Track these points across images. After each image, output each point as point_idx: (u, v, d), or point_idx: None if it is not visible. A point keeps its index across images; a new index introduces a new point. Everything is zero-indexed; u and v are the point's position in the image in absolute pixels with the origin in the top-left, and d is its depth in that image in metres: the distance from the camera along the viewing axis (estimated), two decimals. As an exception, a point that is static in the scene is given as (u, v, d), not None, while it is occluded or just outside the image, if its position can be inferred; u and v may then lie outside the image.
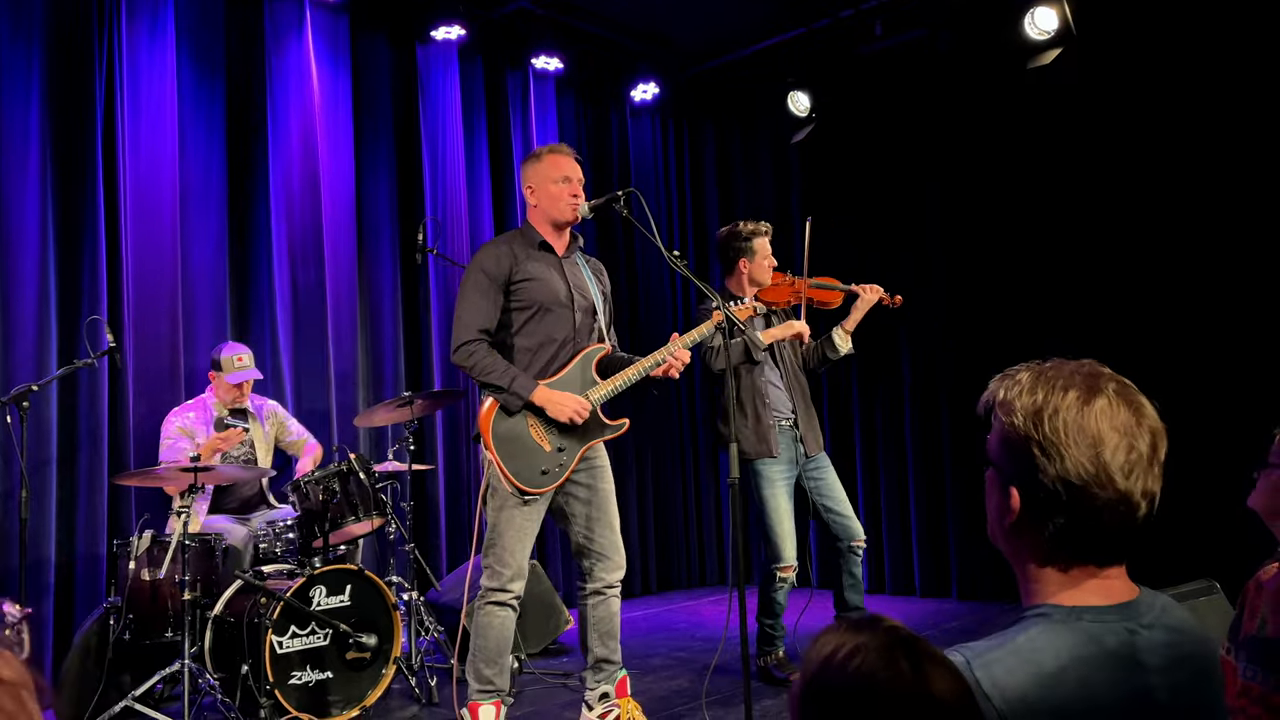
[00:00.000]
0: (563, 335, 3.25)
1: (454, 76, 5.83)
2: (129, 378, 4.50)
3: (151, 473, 3.80)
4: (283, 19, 5.18)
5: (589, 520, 3.30)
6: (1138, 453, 1.11)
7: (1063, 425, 1.11)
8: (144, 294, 4.60)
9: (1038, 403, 1.13)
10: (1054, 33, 5.15)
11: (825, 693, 0.95)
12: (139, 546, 3.71)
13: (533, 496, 3.15)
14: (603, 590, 3.30)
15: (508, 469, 3.12)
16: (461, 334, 3.19)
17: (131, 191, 4.59)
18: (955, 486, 5.87)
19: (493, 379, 3.14)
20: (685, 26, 6.39)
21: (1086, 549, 1.13)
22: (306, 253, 5.16)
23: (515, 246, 3.29)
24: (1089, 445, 1.10)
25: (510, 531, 3.15)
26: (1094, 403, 1.12)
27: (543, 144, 6.12)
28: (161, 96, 4.69)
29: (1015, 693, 1.03)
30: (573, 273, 3.35)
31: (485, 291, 3.20)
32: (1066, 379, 1.15)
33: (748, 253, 4.21)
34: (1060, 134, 5.46)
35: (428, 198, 5.66)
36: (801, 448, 4.16)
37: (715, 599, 6.37)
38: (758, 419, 4.09)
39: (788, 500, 4.12)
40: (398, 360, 5.53)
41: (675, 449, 6.89)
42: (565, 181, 3.28)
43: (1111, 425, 1.11)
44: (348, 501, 3.95)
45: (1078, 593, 1.14)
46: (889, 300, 4.24)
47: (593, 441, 3.28)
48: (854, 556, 4.20)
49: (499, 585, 3.14)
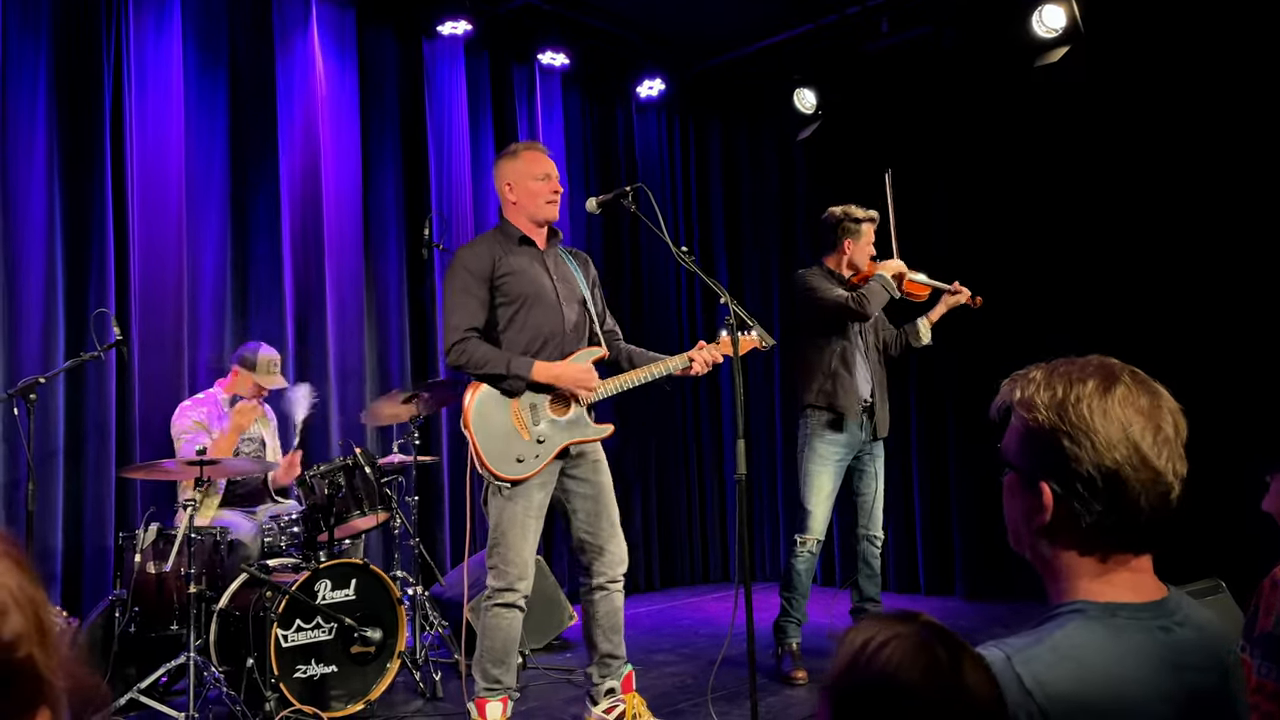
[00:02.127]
0: (550, 328, 3.25)
1: (460, 71, 5.84)
2: (135, 370, 4.53)
3: (159, 466, 3.82)
4: (289, 12, 5.19)
5: (589, 515, 3.30)
6: (1164, 434, 1.12)
7: (1088, 411, 1.11)
8: (150, 287, 4.62)
9: (1059, 394, 1.13)
10: (1062, 30, 5.15)
11: (858, 683, 0.94)
12: (145, 539, 3.73)
13: (505, 484, 3.14)
14: (606, 585, 3.31)
15: (483, 452, 3.12)
16: (451, 334, 3.19)
17: (139, 184, 4.60)
18: (960, 485, 5.88)
19: (490, 368, 3.14)
20: (691, 23, 6.39)
21: (1125, 536, 1.13)
22: (311, 246, 5.17)
23: (495, 243, 3.29)
24: (1119, 428, 1.10)
25: (513, 530, 3.15)
26: (1114, 389, 1.13)
27: (549, 140, 6.18)
28: (168, 89, 4.70)
29: (1056, 689, 1.03)
30: (556, 265, 3.35)
31: (470, 289, 3.20)
32: (1081, 371, 1.15)
33: (855, 234, 4.24)
34: (1068, 133, 5.45)
35: (433, 192, 5.67)
36: (867, 433, 4.21)
37: (719, 595, 6.39)
38: (851, 383, 4.14)
39: (833, 480, 4.16)
40: (403, 354, 5.55)
41: (678, 443, 6.90)
42: (545, 178, 3.28)
43: (1135, 409, 1.12)
44: (353, 496, 3.96)
45: (1111, 589, 1.14)
46: (971, 302, 4.31)
47: (574, 439, 3.26)
48: (871, 546, 4.25)
49: (505, 585, 3.15)
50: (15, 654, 0.73)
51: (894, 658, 0.93)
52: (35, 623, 0.75)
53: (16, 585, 0.74)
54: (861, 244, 4.25)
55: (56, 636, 0.76)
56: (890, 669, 0.92)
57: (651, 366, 3.27)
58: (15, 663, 0.73)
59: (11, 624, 0.73)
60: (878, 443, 4.27)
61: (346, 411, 5.20)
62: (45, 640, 0.75)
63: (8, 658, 0.73)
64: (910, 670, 0.92)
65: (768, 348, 3.24)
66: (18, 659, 0.73)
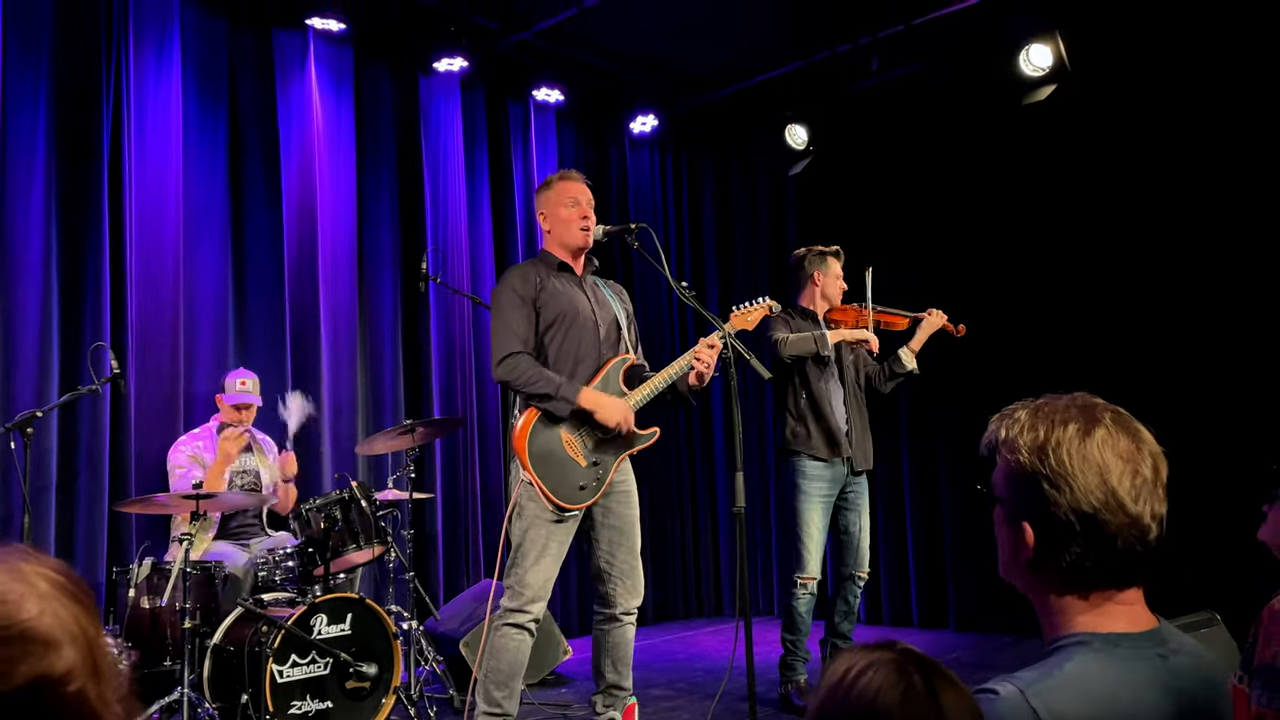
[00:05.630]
0: (587, 347, 3.33)
1: (456, 107, 5.92)
2: (131, 404, 4.54)
3: (153, 500, 3.83)
4: (288, 49, 5.27)
5: (611, 544, 3.35)
6: (1142, 477, 1.16)
7: (1068, 457, 1.15)
8: (147, 321, 4.64)
9: (1040, 437, 1.18)
10: (1049, 69, 5.27)
11: (840, 709, 0.98)
12: (139, 574, 3.73)
13: (572, 513, 3.20)
14: (619, 616, 3.35)
15: (546, 485, 3.16)
16: (502, 347, 3.24)
17: (136, 218, 4.64)
18: (952, 517, 5.92)
19: (539, 388, 3.19)
20: (684, 59, 6.51)
21: (1104, 574, 1.18)
22: (307, 283, 5.21)
23: (537, 268, 3.40)
24: (1096, 474, 1.14)
25: (534, 552, 3.18)
26: (1094, 433, 1.16)
27: (544, 175, 6.25)
28: (167, 124, 4.76)
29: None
30: (594, 292, 3.46)
31: (518, 307, 3.28)
32: (1064, 412, 1.19)
33: (822, 265, 4.35)
34: (1056, 169, 5.56)
35: (429, 226, 5.73)
36: (848, 467, 4.25)
37: (714, 629, 6.39)
38: (822, 421, 4.19)
39: (822, 516, 4.21)
40: (397, 388, 5.57)
41: (671, 473, 6.91)
42: (574, 205, 3.38)
43: (1114, 453, 1.16)
44: (349, 529, 3.98)
45: (1106, 620, 1.18)
46: (952, 329, 4.37)
47: (627, 453, 3.34)
48: (853, 585, 4.26)
49: (518, 605, 3.17)
50: (67, 688, 0.73)
51: (873, 683, 0.97)
52: (88, 657, 0.75)
53: (71, 618, 0.75)
54: (830, 275, 4.35)
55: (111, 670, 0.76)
56: (870, 695, 0.96)
57: (658, 376, 3.33)
58: (68, 697, 0.73)
59: (64, 658, 0.73)
60: (860, 478, 4.31)
61: (340, 444, 5.22)
62: (99, 674, 0.74)
63: (60, 692, 0.73)
64: (889, 695, 0.96)
65: (767, 379, 3.29)
66: (70, 693, 0.73)
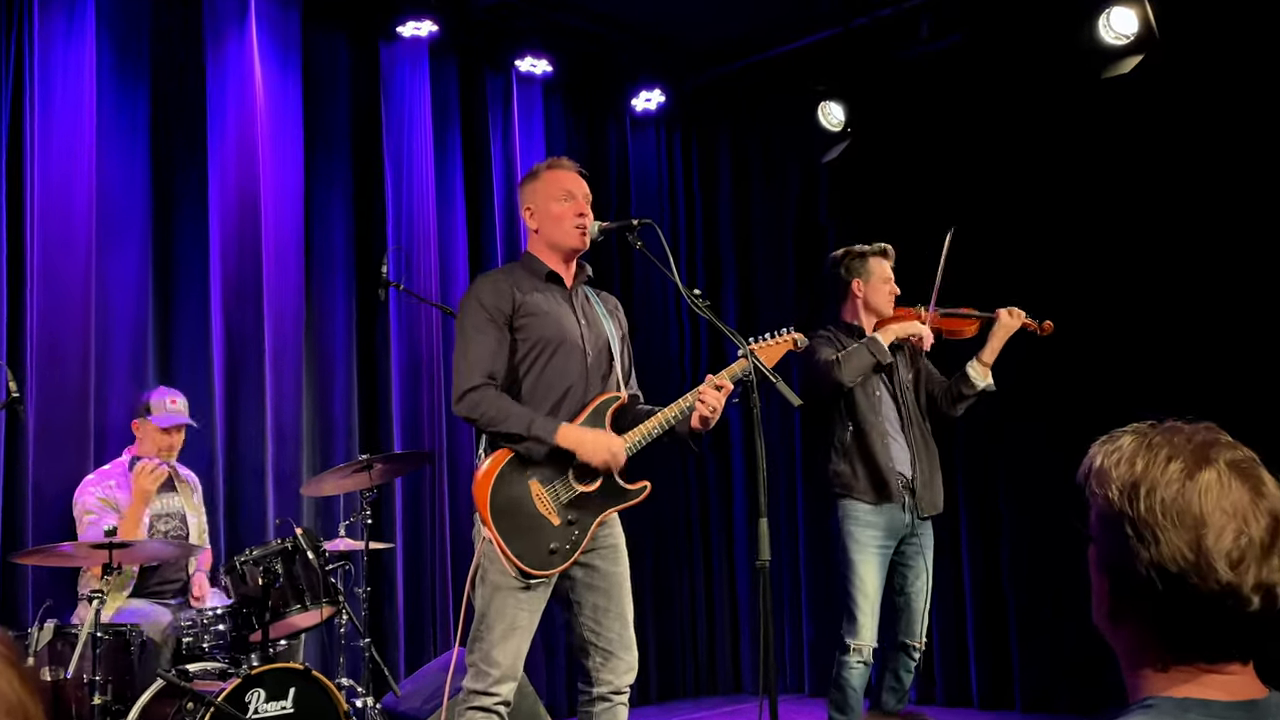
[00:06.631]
0: (572, 379, 3.28)
1: (424, 80, 5.96)
2: (29, 434, 4.54)
3: (56, 550, 3.83)
4: (222, 11, 5.30)
5: (596, 610, 3.33)
6: (1248, 537, 1.14)
7: (1160, 504, 1.15)
8: (51, 336, 4.65)
9: (1135, 475, 1.18)
10: (1134, 36, 5.28)
11: None
12: (39, 640, 3.72)
13: (538, 579, 3.17)
14: (609, 696, 3.33)
15: (509, 548, 3.13)
16: (463, 380, 3.19)
17: (39, 212, 4.66)
18: (1014, 579, 5.87)
19: (507, 427, 3.15)
20: (697, 25, 6.54)
21: (1188, 644, 1.18)
22: (245, 288, 5.23)
23: (517, 277, 3.34)
24: (1190, 528, 1.14)
25: (501, 625, 3.16)
26: (1200, 477, 1.16)
27: (528, 159, 6.28)
28: (79, 100, 4.79)
29: None
30: (585, 308, 3.41)
31: (486, 329, 3.22)
32: (1173, 448, 1.19)
33: (861, 273, 4.28)
34: (1142, 152, 5.54)
35: (390, 223, 5.76)
36: (911, 513, 4.17)
37: (730, 710, 6.36)
38: (871, 461, 4.11)
39: (879, 570, 4.12)
40: (350, 416, 5.58)
41: (679, 519, 6.91)
42: (568, 199, 3.33)
43: (1219, 505, 1.15)
44: (292, 587, 3.97)
45: (1190, 686, 1.18)
46: (1035, 327, 4.26)
47: (609, 510, 3.31)
48: (906, 658, 4.22)
49: (483, 687, 3.15)
50: None
51: None
52: None
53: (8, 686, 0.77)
54: (874, 282, 4.26)
55: None
56: None
57: (653, 420, 3.28)
58: None
59: None
60: (925, 524, 4.22)
61: (282, 483, 5.22)
62: None
63: None
64: None
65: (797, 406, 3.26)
66: None
